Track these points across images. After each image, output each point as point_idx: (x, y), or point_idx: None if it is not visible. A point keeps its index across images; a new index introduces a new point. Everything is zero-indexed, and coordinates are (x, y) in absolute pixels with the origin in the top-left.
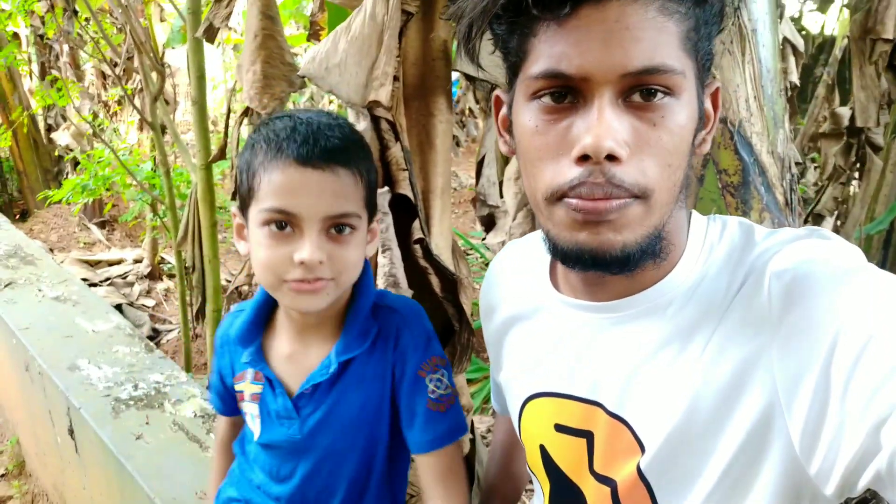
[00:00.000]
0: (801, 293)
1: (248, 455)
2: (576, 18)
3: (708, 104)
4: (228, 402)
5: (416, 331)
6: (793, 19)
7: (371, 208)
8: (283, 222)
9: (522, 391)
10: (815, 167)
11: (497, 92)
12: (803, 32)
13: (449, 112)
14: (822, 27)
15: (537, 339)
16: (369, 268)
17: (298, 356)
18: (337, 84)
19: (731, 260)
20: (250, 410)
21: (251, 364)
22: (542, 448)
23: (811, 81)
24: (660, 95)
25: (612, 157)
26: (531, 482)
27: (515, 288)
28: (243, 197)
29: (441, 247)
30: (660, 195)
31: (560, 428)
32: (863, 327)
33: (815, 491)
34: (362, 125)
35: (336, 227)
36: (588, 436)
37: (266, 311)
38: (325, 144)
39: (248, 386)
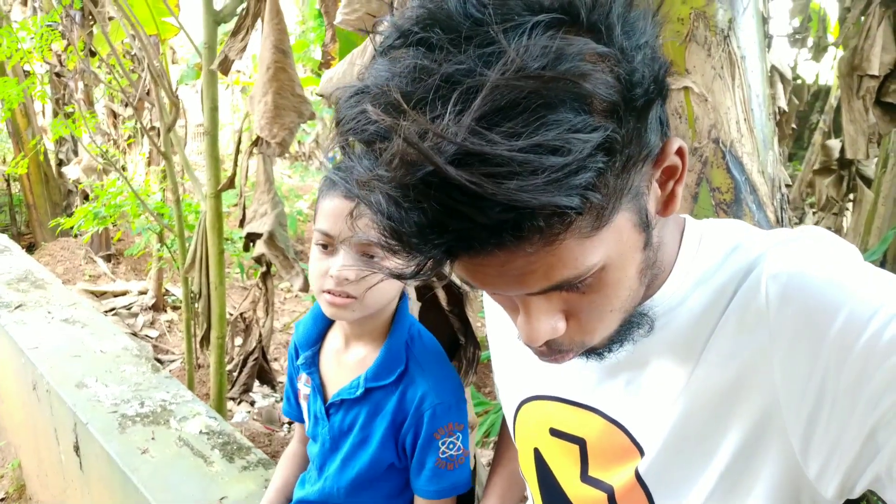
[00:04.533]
0: (798, 295)
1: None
2: (467, 263)
3: (673, 160)
4: (295, 406)
5: (440, 401)
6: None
7: None
8: (326, 243)
9: (518, 393)
10: (814, 212)
11: None
12: (798, 81)
13: None
14: (817, 77)
15: None
16: (406, 301)
17: (341, 355)
18: None
19: (727, 262)
20: (304, 407)
21: (304, 367)
22: (537, 451)
23: (808, 128)
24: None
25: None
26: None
27: None
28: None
29: None
30: (605, 330)
31: (555, 432)
32: (861, 327)
33: (814, 493)
34: None
35: (368, 254)
36: (580, 443)
37: (325, 318)
38: None
39: (302, 387)
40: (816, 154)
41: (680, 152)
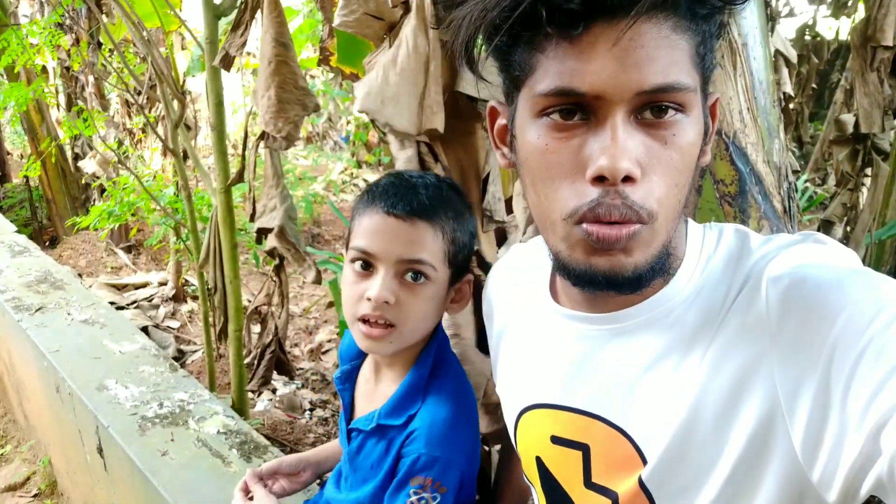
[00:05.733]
0: (798, 298)
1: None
2: (588, 35)
3: (707, 119)
4: None
5: (428, 453)
6: (807, 26)
7: (456, 267)
8: (366, 262)
9: (518, 402)
10: (835, 172)
11: (492, 103)
12: (818, 38)
13: (483, 129)
14: (837, 33)
15: (534, 349)
16: (440, 332)
17: (370, 384)
18: (392, 116)
19: (729, 267)
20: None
21: (338, 382)
22: (539, 460)
23: (828, 87)
24: (671, 112)
25: (627, 178)
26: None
27: (514, 296)
28: (347, 238)
29: (489, 255)
30: (665, 215)
31: (556, 440)
32: (861, 332)
33: (817, 498)
34: (409, 152)
35: (411, 273)
36: (584, 448)
37: None
38: (410, 199)
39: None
40: (838, 113)
41: (713, 109)
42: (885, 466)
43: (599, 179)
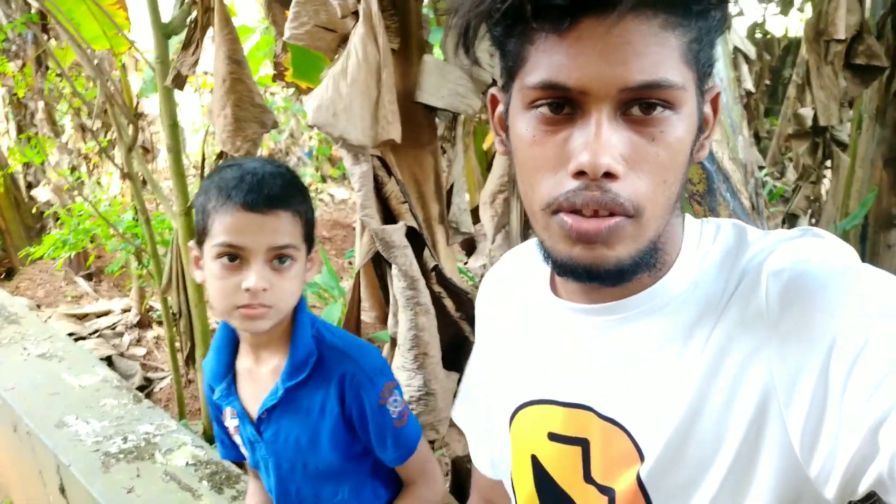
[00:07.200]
0: (798, 292)
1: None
2: (576, 30)
3: (708, 109)
4: (230, 446)
5: (366, 369)
6: (757, 24)
7: (309, 241)
8: (234, 255)
9: (513, 400)
10: (794, 166)
11: (493, 91)
12: (768, 36)
13: (435, 141)
14: (787, 30)
15: (531, 346)
16: (304, 300)
17: (254, 372)
18: (346, 129)
19: (727, 261)
20: (238, 441)
21: (222, 400)
22: (534, 458)
23: (781, 83)
24: (659, 109)
25: (609, 174)
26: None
27: (515, 294)
28: (199, 234)
29: (449, 269)
30: (652, 212)
31: (554, 436)
32: (861, 327)
33: (816, 494)
34: (364, 167)
35: (278, 258)
36: (583, 443)
37: (231, 343)
38: (265, 192)
39: (230, 421)
40: (791, 108)
41: (715, 102)
42: (885, 464)
43: (581, 174)
